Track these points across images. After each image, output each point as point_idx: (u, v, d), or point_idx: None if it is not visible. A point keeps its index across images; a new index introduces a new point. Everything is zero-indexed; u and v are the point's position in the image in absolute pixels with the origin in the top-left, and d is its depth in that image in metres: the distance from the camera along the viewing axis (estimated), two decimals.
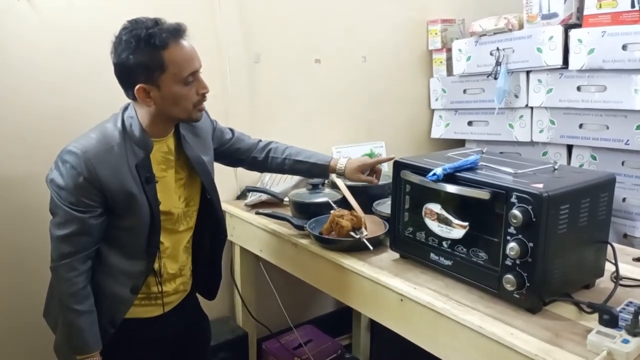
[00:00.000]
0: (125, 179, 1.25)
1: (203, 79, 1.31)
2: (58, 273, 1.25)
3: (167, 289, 1.41)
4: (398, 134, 2.54)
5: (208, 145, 1.49)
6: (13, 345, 1.71)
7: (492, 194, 1.19)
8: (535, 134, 2.21)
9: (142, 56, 1.21)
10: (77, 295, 1.25)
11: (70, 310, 1.25)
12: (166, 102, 1.26)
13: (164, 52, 1.21)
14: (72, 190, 1.21)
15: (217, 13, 1.94)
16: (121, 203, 1.25)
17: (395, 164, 1.43)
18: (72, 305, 1.25)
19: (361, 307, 1.50)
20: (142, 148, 1.28)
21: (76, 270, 1.24)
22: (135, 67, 1.22)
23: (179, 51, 1.24)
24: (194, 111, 1.31)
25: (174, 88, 1.24)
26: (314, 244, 1.60)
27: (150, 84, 1.23)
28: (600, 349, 1.00)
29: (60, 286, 1.26)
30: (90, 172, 1.21)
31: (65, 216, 1.22)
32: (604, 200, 1.24)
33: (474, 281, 1.28)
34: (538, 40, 2.09)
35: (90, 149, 1.22)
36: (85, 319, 1.26)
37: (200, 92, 1.29)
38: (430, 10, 2.54)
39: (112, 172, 1.23)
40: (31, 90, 1.64)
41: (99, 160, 1.22)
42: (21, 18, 1.60)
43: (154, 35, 1.20)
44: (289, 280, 1.91)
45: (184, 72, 1.24)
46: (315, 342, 2.19)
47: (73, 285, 1.24)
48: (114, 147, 1.25)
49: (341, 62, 2.31)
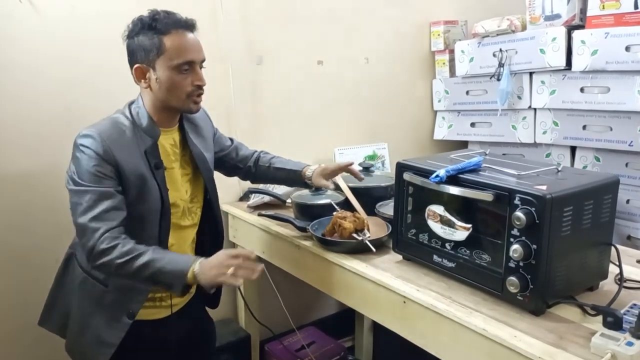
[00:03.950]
0: (138, 162, 1.28)
1: (202, 73, 1.34)
2: (103, 254, 1.20)
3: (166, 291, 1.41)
4: (401, 135, 2.54)
5: (209, 145, 1.52)
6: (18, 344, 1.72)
7: (496, 196, 1.18)
8: (538, 136, 2.21)
9: (143, 38, 1.28)
10: (133, 251, 1.21)
11: (143, 268, 1.21)
12: (161, 87, 1.30)
13: (163, 36, 1.27)
14: (93, 169, 1.23)
15: (220, 15, 1.95)
16: (133, 186, 1.28)
17: (398, 166, 1.43)
18: (139, 263, 1.20)
19: (364, 309, 1.50)
20: (150, 135, 1.32)
21: (119, 238, 1.23)
22: (137, 48, 1.29)
23: (179, 38, 1.28)
24: (188, 101, 1.33)
25: (167, 73, 1.28)
26: (316, 245, 1.60)
27: (147, 64, 1.29)
28: (604, 352, 1.00)
29: (114, 262, 1.20)
30: (107, 152, 1.23)
31: (92, 197, 1.22)
32: (607, 202, 1.24)
33: (477, 283, 1.27)
34: (541, 41, 2.09)
35: (105, 131, 1.26)
36: (158, 259, 1.22)
37: (194, 84, 1.31)
38: (432, 11, 2.54)
39: (126, 154, 1.26)
40: (32, 93, 1.64)
41: (114, 141, 1.25)
42: (24, 21, 1.60)
43: (158, 20, 1.27)
44: (292, 282, 1.90)
45: (178, 59, 1.28)
46: (317, 344, 2.18)
47: (124, 247, 1.21)
48: (125, 131, 1.29)
49: (344, 64, 2.31)
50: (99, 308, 1.32)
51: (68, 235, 1.45)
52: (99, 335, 1.32)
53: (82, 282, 1.34)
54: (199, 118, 1.50)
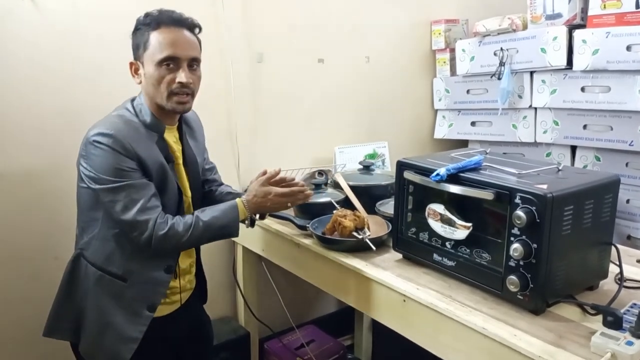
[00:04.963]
0: (156, 154, 1.30)
1: (189, 73, 1.30)
2: (166, 239, 1.25)
3: (176, 285, 1.42)
4: (401, 134, 2.53)
5: (201, 150, 1.53)
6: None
7: (496, 195, 1.18)
8: (539, 135, 2.21)
9: (139, 34, 1.30)
10: (188, 224, 1.28)
11: (204, 234, 1.30)
12: (147, 83, 1.31)
13: (152, 32, 1.28)
14: (119, 165, 1.23)
15: (221, 13, 1.94)
16: (156, 178, 1.29)
17: (399, 164, 1.43)
18: (198, 232, 1.29)
19: (363, 308, 1.50)
20: (155, 130, 1.33)
21: (168, 220, 1.27)
22: (133, 44, 1.32)
23: (166, 34, 1.28)
24: (170, 99, 1.30)
25: (151, 69, 1.29)
26: (316, 244, 1.60)
27: (137, 60, 1.31)
28: (604, 351, 1.00)
29: (180, 242, 1.28)
30: (128, 147, 1.24)
31: (129, 192, 1.23)
32: (608, 201, 1.24)
33: (477, 282, 1.27)
34: (542, 40, 2.09)
35: (119, 127, 1.26)
36: (216, 217, 1.32)
37: (176, 81, 1.29)
38: (433, 10, 2.54)
39: (143, 147, 1.27)
40: (33, 91, 1.64)
41: (131, 136, 1.25)
42: (24, 19, 1.59)
43: (149, 16, 1.28)
44: (291, 280, 1.91)
45: (160, 54, 1.27)
46: (317, 342, 2.18)
47: (179, 225, 1.27)
48: (136, 126, 1.30)
49: (344, 62, 2.31)
50: (118, 304, 1.31)
51: (68, 234, 1.45)
52: (121, 332, 1.31)
53: (97, 280, 1.31)
54: (193, 121, 1.50)
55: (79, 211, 1.35)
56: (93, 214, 1.30)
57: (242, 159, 2.07)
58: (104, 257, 1.31)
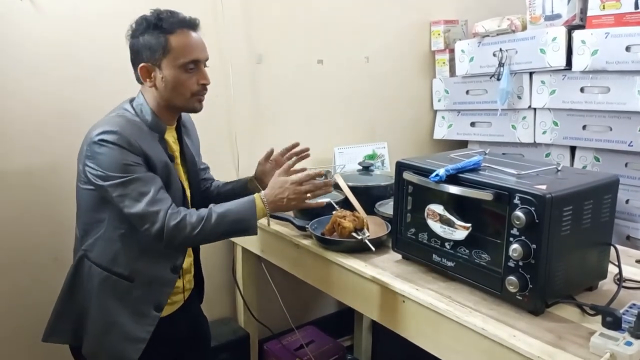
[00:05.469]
0: (159, 151, 1.30)
1: (206, 72, 1.34)
2: (178, 230, 1.23)
3: (179, 285, 1.43)
4: (400, 134, 2.53)
5: (197, 149, 1.54)
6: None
7: (495, 195, 1.18)
8: (538, 136, 2.21)
9: (149, 37, 1.27)
10: (201, 215, 1.26)
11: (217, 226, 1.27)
12: (167, 86, 1.30)
13: (169, 36, 1.27)
14: (126, 161, 1.22)
15: (220, 14, 1.94)
16: (162, 174, 1.29)
17: (398, 165, 1.43)
18: (212, 224, 1.26)
19: (363, 309, 1.50)
20: (156, 130, 1.33)
21: (180, 211, 1.26)
22: (142, 47, 1.29)
23: (184, 38, 1.29)
24: (193, 100, 1.34)
25: (173, 72, 1.29)
26: (315, 244, 1.60)
27: (152, 64, 1.29)
28: (603, 352, 1.00)
29: (192, 234, 1.24)
30: (134, 144, 1.23)
31: (138, 184, 1.23)
32: (607, 201, 1.24)
33: (476, 283, 1.27)
34: (541, 41, 2.09)
35: (124, 126, 1.25)
36: (230, 209, 1.30)
37: (200, 83, 1.32)
38: (433, 11, 2.54)
39: (148, 145, 1.27)
40: (32, 92, 1.63)
41: (135, 134, 1.26)
42: (24, 19, 1.59)
43: (163, 20, 1.27)
44: (291, 281, 1.90)
45: (184, 58, 1.28)
46: (316, 343, 2.18)
47: (192, 216, 1.25)
48: (139, 125, 1.30)
49: (344, 63, 2.31)
50: (124, 304, 1.31)
51: (67, 234, 1.45)
52: (127, 332, 1.30)
53: (102, 281, 1.30)
54: (187, 121, 1.51)
55: (80, 212, 1.34)
56: (97, 215, 1.30)
57: (242, 159, 2.07)
58: (110, 258, 1.30)
